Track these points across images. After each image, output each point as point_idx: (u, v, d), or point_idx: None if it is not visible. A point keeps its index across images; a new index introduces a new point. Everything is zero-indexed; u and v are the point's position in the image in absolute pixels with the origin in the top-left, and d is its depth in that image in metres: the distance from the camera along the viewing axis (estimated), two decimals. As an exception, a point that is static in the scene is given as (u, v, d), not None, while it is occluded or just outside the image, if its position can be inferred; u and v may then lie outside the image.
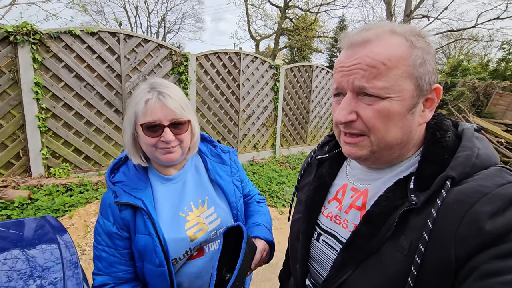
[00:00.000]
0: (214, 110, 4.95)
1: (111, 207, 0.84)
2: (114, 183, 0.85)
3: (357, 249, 0.55)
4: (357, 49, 0.53)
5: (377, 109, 0.52)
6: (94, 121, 3.84)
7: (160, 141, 0.82)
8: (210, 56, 4.74)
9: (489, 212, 0.41)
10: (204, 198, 0.95)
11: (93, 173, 3.94)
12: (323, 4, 16.30)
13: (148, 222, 0.82)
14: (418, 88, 0.52)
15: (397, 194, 0.53)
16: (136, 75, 4.09)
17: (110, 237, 0.84)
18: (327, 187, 0.70)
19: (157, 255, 0.81)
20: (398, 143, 0.55)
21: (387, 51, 0.51)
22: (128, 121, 0.84)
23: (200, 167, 1.00)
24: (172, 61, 4.36)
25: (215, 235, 0.94)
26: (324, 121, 6.94)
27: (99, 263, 0.85)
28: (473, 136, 0.54)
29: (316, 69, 6.43)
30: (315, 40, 20.65)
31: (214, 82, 4.88)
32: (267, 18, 19.69)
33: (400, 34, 0.52)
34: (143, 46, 4.08)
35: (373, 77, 0.51)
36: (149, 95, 0.81)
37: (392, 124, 0.52)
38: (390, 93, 0.51)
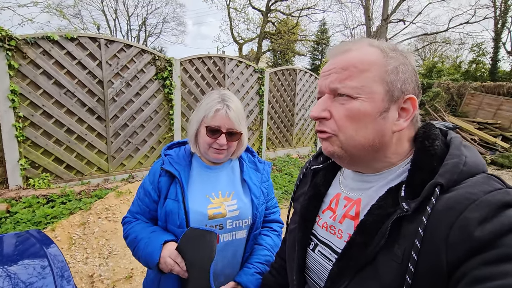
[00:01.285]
0: (199, 115, 4.92)
1: (155, 171, 1.06)
2: (165, 155, 1.08)
3: (352, 259, 0.55)
4: (336, 57, 0.58)
5: (348, 108, 0.55)
6: (75, 129, 3.72)
7: (215, 142, 1.01)
8: (195, 60, 4.73)
9: (478, 219, 0.42)
10: (231, 191, 1.09)
11: (76, 183, 3.81)
12: (304, 8, 16.62)
13: (178, 190, 1.00)
14: (389, 93, 0.54)
15: (389, 202, 0.54)
16: (119, 81, 4.00)
17: (144, 192, 1.08)
18: (322, 196, 0.71)
19: (179, 217, 0.98)
20: (370, 145, 0.56)
21: (361, 55, 0.55)
22: (196, 119, 1.05)
23: (236, 168, 1.16)
24: (156, 66, 4.31)
25: (231, 225, 1.04)
26: (309, 124, 7.05)
27: (133, 207, 1.11)
28: (460, 145, 0.55)
29: (300, 72, 6.55)
30: (297, 44, 20.96)
31: (199, 86, 4.86)
32: (249, 21, 19.80)
33: (376, 46, 0.57)
34: (125, 52, 4.01)
35: (345, 78, 0.55)
36: (219, 106, 1.00)
37: (361, 124, 0.55)
38: (361, 93, 0.54)
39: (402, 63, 0.56)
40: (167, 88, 4.42)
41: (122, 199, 3.23)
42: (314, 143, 7.28)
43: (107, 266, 2.53)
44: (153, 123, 4.43)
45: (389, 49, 0.57)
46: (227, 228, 1.03)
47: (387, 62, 0.55)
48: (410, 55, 0.58)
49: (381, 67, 0.54)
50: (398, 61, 0.55)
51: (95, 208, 3.06)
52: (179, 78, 4.55)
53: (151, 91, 4.33)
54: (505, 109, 9.89)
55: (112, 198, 3.21)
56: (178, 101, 4.61)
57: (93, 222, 2.89)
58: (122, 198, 3.24)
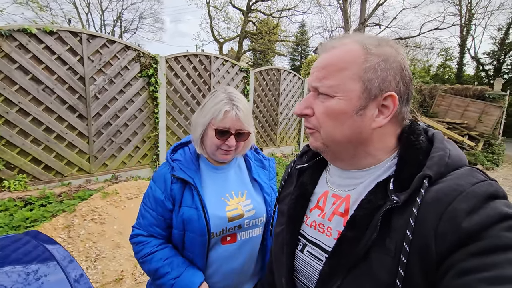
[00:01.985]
0: (185, 114, 4.85)
1: (165, 178, 1.01)
2: (173, 160, 1.03)
3: (344, 256, 0.54)
4: (321, 55, 0.60)
5: (326, 106, 0.57)
6: (54, 127, 3.53)
7: (224, 144, 0.99)
8: (180, 58, 4.65)
9: (466, 210, 0.43)
10: (243, 191, 1.09)
11: (55, 184, 3.62)
12: (284, 9, 16.81)
13: (196, 197, 0.97)
14: (366, 91, 0.54)
15: (378, 195, 0.54)
16: (102, 78, 3.85)
17: (156, 202, 1.00)
18: (309, 195, 0.70)
19: (200, 225, 0.95)
20: (347, 141, 0.57)
21: (341, 54, 0.56)
22: (202, 121, 1.01)
23: (243, 166, 1.16)
24: (141, 63, 4.19)
25: (248, 224, 1.05)
26: (292, 123, 7.18)
27: (142, 220, 1.03)
28: (443, 139, 0.57)
29: (284, 72, 6.64)
30: (278, 44, 21.17)
31: (185, 85, 4.79)
32: (229, 20, 19.72)
33: (360, 42, 0.56)
34: (108, 47, 3.86)
35: (323, 77, 0.57)
36: (228, 107, 0.97)
37: (338, 121, 0.56)
38: (337, 91, 0.55)
39: (383, 60, 0.55)
40: (152, 86, 4.31)
41: (108, 200, 3.12)
42: (297, 142, 7.42)
43: (96, 270, 2.44)
44: (137, 121, 4.30)
45: (373, 45, 0.56)
46: (244, 227, 1.04)
47: (366, 59, 0.54)
48: (399, 51, 0.57)
49: (359, 65, 0.54)
50: (379, 57, 0.55)
51: (79, 210, 2.93)
52: (165, 76, 4.46)
53: (135, 88, 4.20)
54: (471, 110, 10.63)
55: (98, 199, 3.09)
56: (163, 99, 4.51)
57: (78, 225, 2.77)
58: (109, 199, 3.13)
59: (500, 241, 0.40)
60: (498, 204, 0.44)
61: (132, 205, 3.24)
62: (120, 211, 3.10)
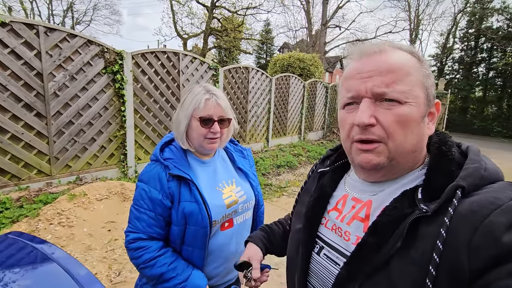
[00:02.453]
0: (154, 112, 4.74)
1: (160, 178, 1.01)
2: (165, 159, 1.04)
3: (363, 262, 0.52)
4: (373, 57, 0.55)
5: (397, 114, 0.52)
6: (8, 127, 3.25)
7: (209, 132, 1.04)
8: (147, 55, 4.53)
9: (505, 224, 0.40)
10: (232, 180, 1.18)
11: (11, 189, 3.33)
12: (249, 8, 16.92)
13: (195, 191, 1.01)
14: (427, 98, 0.54)
15: (405, 203, 0.51)
16: (62, 74, 3.62)
17: (153, 202, 1.00)
18: (328, 197, 0.69)
19: (203, 217, 0.99)
20: (414, 150, 0.55)
21: (401, 59, 0.54)
22: (184, 115, 1.05)
23: (226, 158, 1.24)
24: (105, 59, 4.01)
25: (242, 208, 1.15)
26: (261, 120, 7.34)
27: (139, 222, 1.01)
28: (479, 152, 0.54)
29: (252, 70, 6.76)
30: (243, 42, 21.25)
31: (153, 82, 4.67)
32: (193, 16, 19.32)
33: (406, 50, 0.57)
34: (68, 42, 3.64)
35: (392, 82, 0.52)
36: (208, 96, 1.04)
37: (409, 130, 0.53)
38: (408, 97, 0.52)
39: (429, 69, 0.56)
40: (118, 82, 4.15)
41: (76, 202, 2.97)
42: (266, 139, 7.61)
43: (67, 274, 2.35)
44: (102, 120, 4.11)
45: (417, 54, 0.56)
46: (239, 212, 1.14)
47: (423, 66, 0.55)
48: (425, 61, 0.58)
49: (420, 71, 0.54)
50: (428, 66, 0.56)
51: (44, 214, 2.76)
52: (131, 73, 4.32)
53: (99, 85, 4.01)
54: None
55: (65, 202, 2.93)
56: (131, 97, 4.37)
57: (44, 229, 2.62)
58: (76, 201, 2.99)
59: None
60: None
61: (102, 206, 3.13)
62: (89, 213, 2.98)
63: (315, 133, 9.94)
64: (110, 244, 2.76)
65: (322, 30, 15.34)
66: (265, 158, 6.42)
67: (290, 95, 8.22)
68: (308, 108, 9.25)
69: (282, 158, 6.62)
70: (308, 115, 9.33)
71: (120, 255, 2.66)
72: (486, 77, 16.91)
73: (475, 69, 17.33)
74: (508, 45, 14.81)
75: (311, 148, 8.05)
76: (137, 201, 1.03)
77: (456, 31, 18.48)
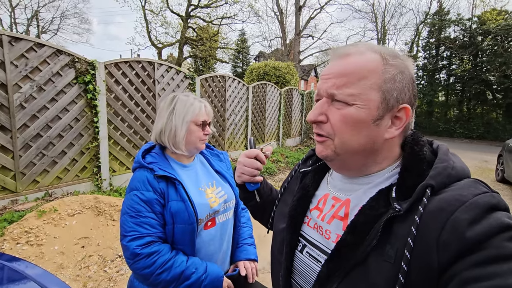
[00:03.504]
0: (128, 122, 4.62)
1: (150, 180, 1.05)
2: (148, 163, 1.09)
3: (343, 260, 0.54)
4: (337, 61, 0.59)
5: (343, 114, 0.56)
6: (-32, 142, 3.04)
7: (204, 134, 1.18)
8: (121, 64, 4.44)
9: (468, 220, 0.44)
10: (213, 181, 1.24)
11: (-29, 208, 3.09)
12: (224, 17, 17.13)
13: (181, 190, 1.06)
14: (384, 101, 0.55)
15: (380, 203, 0.55)
16: (29, 85, 3.46)
17: (150, 204, 1.03)
18: (310, 197, 0.71)
19: (189, 215, 1.04)
20: (362, 150, 0.58)
21: (361, 63, 0.56)
22: (182, 121, 1.12)
23: (204, 162, 1.32)
24: (76, 69, 3.88)
25: (224, 207, 1.21)
26: (239, 128, 7.38)
27: (141, 228, 1.00)
28: (448, 151, 0.58)
29: (229, 79, 6.82)
30: (219, 51, 21.35)
31: (127, 92, 4.57)
32: (168, 25, 19.19)
33: (377, 52, 0.57)
34: (36, 52, 3.49)
35: (342, 85, 0.56)
36: (201, 103, 1.18)
37: (356, 130, 0.56)
38: (357, 100, 0.55)
39: (400, 72, 0.56)
40: (90, 93, 4.02)
41: (45, 219, 2.81)
42: (244, 147, 7.64)
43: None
44: (73, 132, 3.95)
45: (390, 56, 0.57)
46: (221, 211, 1.19)
47: (386, 70, 0.56)
48: (409, 62, 0.59)
49: (380, 75, 0.55)
50: (398, 69, 0.56)
51: (10, 233, 2.58)
52: (104, 83, 4.20)
53: (70, 96, 3.87)
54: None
55: (33, 219, 2.76)
56: (104, 107, 4.24)
57: (9, 250, 2.44)
58: (46, 218, 2.82)
59: (502, 251, 0.41)
60: (500, 215, 0.44)
61: (75, 222, 2.98)
62: (60, 230, 2.82)
63: (293, 139, 10.13)
64: (84, 261, 2.63)
65: (296, 39, 15.84)
66: (244, 166, 6.43)
67: (267, 103, 8.36)
68: (285, 115, 9.44)
69: (261, 165, 6.67)
70: (286, 122, 9.52)
71: (95, 272, 2.54)
72: (447, 83, 18.23)
73: (438, 75, 18.63)
74: (465, 53, 16.13)
75: (290, 154, 8.19)
76: (131, 208, 1.01)
77: (419, 40, 19.85)
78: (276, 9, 16.47)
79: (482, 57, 16.30)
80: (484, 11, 16.68)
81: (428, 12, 19.14)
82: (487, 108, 16.86)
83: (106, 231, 3.02)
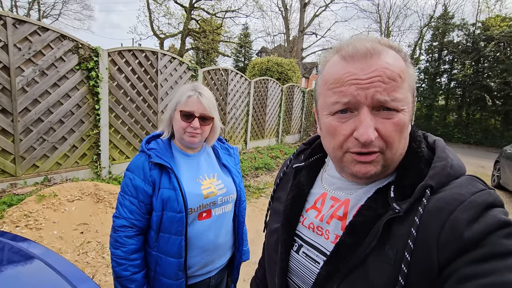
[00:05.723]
0: (130, 111, 4.61)
1: (143, 167, 1.09)
2: (149, 149, 1.12)
3: (342, 262, 0.53)
4: (369, 60, 0.51)
5: (396, 123, 0.51)
6: (-31, 123, 3.03)
7: (189, 126, 1.12)
8: (124, 53, 4.41)
9: (467, 219, 0.44)
10: (214, 173, 1.24)
11: (-30, 190, 3.09)
12: (228, 11, 16.99)
13: (173, 179, 1.08)
14: (413, 100, 0.54)
15: (379, 203, 0.53)
16: (31, 68, 3.43)
17: (136, 190, 1.08)
18: (305, 195, 0.69)
19: (178, 204, 1.06)
20: (402, 153, 0.55)
21: (398, 63, 0.52)
22: (170, 106, 1.17)
23: (211, 154, 1.31)
24: (79, 55, 3.86)
25: (221, 200, 1.20)
26: (240, 122, 7.38)
27: (122, 208, 1.09)
28: (445, 148, 0.56)
29: (231, 73, 6.80)
30: (221, 44, 21.22)
31: (130, 81, 4.55)
32: (171, 16, 19.02)
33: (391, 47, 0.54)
34: (40, 35, 3.46)
35: (393, 90, 0.50)
36: (191, 93, 1.13)
37: (403, 136, 0.53)
38: (404, 105, 0.51)
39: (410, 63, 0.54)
40: (92, 80, 4.00)
41: (45, 204, 2.82)
42: (244, 141, 7.66)
43: (35, 279, 2.22)
44: (74, 118, 3.94)
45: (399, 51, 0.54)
46: (218, 204, 1.18)
47: (408, 67, 0.53)
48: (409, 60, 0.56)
49: (411, 75, 0.53)
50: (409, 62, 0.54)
51: (9, 216, 2.59)
52: (107, 70, 4.18)
53: (72, 82, 3.85)
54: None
55: (33, 203, 2.77)
56: (106, 95, 4.22)
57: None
58: (46, 203, 2.83)
59: (499, 248, 0.41)
60: (496, 212, 0.45)
61: (74, 208, 2.99)
62: (59, 215, 2.83)
63: (292, 136, 10.15)
64: (82, 247, 2.65)
65: (299, 36, 15.77)
66: (243, 160, 6.45)
67: (268, 99, 8.35)
68: (286, 112, 9.45)
69: (260, 160, 6.70)
70: (286, 118, 9.52)
71: (93, 258, 2.56)
72: (448, 87, 18.26)
73: (439, 79, 18.65)
74: (467, 58, 16.14)
75: (289, 151, 8.21)
76: (123, 188, 1.12)
77: (422, 43, 19.82)
78: (281, 5, 16.36)
79: (484, 63, 16.33)
80: (488, 17, 16.65)
81: (432, 15, 19.09)
82: (486, 114, 16.94)
83: (105, 218, 3.04)
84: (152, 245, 1.11)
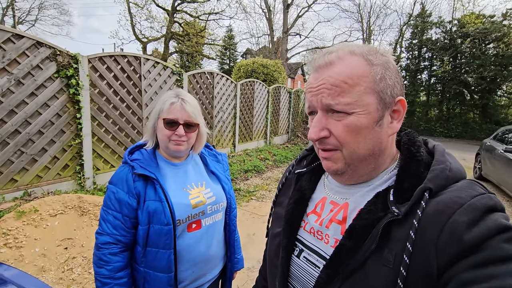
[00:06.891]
0: (113, 118, 4.47)
1: (127, 179, 1.04)
2: (132, 160, 1.07)
3: (341, 265, 0.54)
4: (321, 71, 0.57)
5: (345, 124, 0.54)
6: None
7: (174, 134, 1.07)
8: (105, 58, 4.28)
9: (466, 222, 0.43)
10: (202, 182, 1.19)
11: None
12: (211, 13, 16.90)
13: (159, 190, 1.03)
14: (382, 102, 0.55)
15: (378, 206, 0.54)
16: (6, 78, 3.27)
17: (120, 203, 1.03)
18: (306, 200, 0.70)
19: (165, 215, 1.01)
20: (371, 154, 0.57)
21: (348, 70, 0.54)
22: (153, 114, 1.12)
23: (199, 161, 1.26)
24: (57, 62, 3.71)
25: (211, 209, 1.16)
26: (227, 125, 7.32)
27: (105, 224, 1.04)
28: (444, 152, 0.57)
29: (217, 76, 6.74)
30: (206, 47, 21.07)
31: (112, 87, 4.41)
32: (153, 20, 18.76)
33: (359, 54, 0.56)
34: (14, 43, 3.30)
35: (337, 95, 0.54)
36: (174, 99, 1.09)
37: (361, 136, 0.55)
38: (355, 108, 0.53)
39: (385, 67, 0.56)
40: (72, 88, 3.85)
41: (25, 220, 2.68)
42: (232, 144, 7.60)
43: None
44: (54, 128, 3.78)
45: (372, 55, 0.56)
46: (207, 213, 1.14)
47: (374, 71, 0.55)
48: (389, 55, 0.58)
49: (370, 78, 0.54)
50: (383, 67, 0.56)
51: (-14, 235, 2.44)
52: (88, 77, 4.04)
53: (51, 91, 3.69)
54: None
55: (11, 220, 2.62)
56: (87, 103, 4.08)
57: (-14, 253, 2.31)
58: (26, 219, 2.69)
59: (499, 252, 0.41)
60: (497, 216, 0.44)
61: (57, 222, 2.86)
62: (41, 231, 2.70)
63: (280, 137, 10.17)
64: (67, 263, 2.53)
65: (284, 37, 15.87)
66: (232, 164, 6.40)
67: (255, 100, 8.34)
68: (273, 113, 9.46)
69: (249, 163, 6.66)
70: (273, 119, 9.53)
71: (79, 274, 2.45)
72: (428, 83, 18.84)
73: (419, 76, 19.21)
74: (445, 54, 16.70)
75: (277, 152, 8.22)
76: (105, 202, 1.06)
77: (402, 41, 20.35)
78: (264, 6, 16.43)
79: (461, 59, 16.95)
80: (463, 15, 17.30)
81: (411, 14, 19.65)
82: (465, 108, 17.58)
83: (91, 231, 2.92)
84: (139, 261, 1.06)
